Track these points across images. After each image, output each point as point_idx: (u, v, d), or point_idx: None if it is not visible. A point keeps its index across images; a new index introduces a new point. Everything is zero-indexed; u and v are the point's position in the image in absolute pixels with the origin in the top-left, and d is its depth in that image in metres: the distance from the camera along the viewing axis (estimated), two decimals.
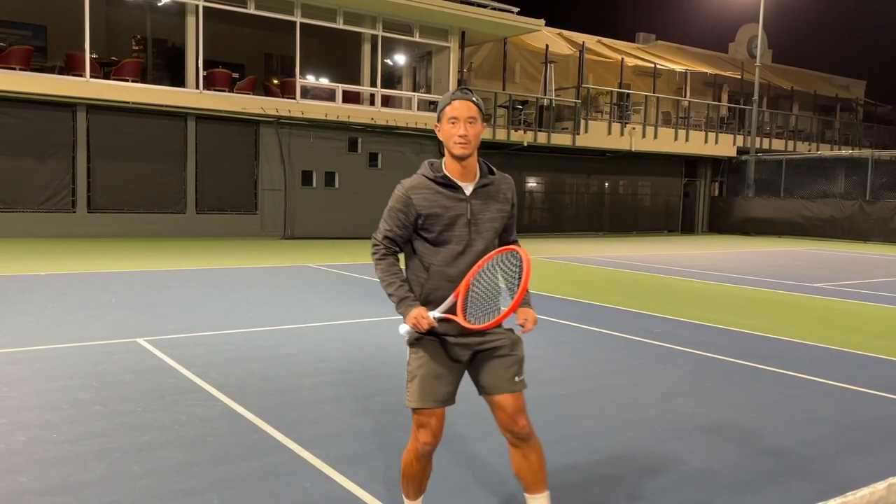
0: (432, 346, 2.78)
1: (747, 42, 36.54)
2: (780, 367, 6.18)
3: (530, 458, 2.82)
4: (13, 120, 15.92)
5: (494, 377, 2.79)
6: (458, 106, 2.71)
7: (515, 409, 2.78)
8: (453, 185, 2.76)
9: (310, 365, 5.80)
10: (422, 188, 2.75)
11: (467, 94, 2.74)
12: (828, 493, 3.58)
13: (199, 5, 17.38)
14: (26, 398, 4.68)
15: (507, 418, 2.78)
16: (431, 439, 2.78)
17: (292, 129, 18.99)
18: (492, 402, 2.82)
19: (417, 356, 2.79)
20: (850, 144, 33.20)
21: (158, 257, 13.28)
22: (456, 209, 2.75)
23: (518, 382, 2.81)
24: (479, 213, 2.78)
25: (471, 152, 2.73)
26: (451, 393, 2.80)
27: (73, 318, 7.35)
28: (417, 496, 2.96)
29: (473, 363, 2.84)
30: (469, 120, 2.70)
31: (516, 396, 2.80)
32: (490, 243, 2.82)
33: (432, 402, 2.75)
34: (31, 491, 3.34)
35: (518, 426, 2.78)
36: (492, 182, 2.83)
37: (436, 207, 2.73)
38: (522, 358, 2.87)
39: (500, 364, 2.80)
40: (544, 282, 11.64)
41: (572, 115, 23.80)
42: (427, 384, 2.75)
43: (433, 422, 2.77)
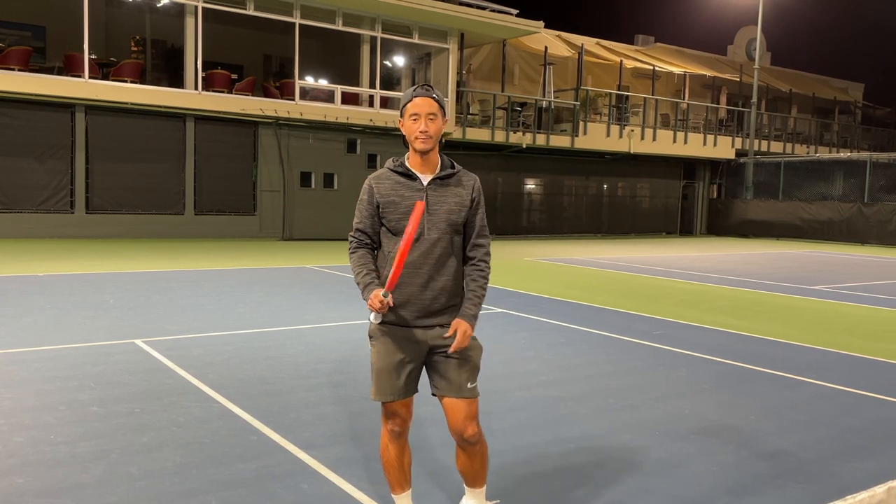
0: (385, 341, 2.85)
1: (746, 44, 36.59)
2: (778, 370, 6.18)
3: (475, 460, 2.93)
4: (12, 120, 15.91)
5: (448, 380, 2.85)
6: (420, 102, 2.82)
7: (467, 416, 2.84)
8: (412, 175, 2.88)
9: (308, 366, 5.80)
10: (384, 178, 2.90)
11: (428, 90, 2.84)
12: (826, 496, 3.59)
13: (198, 6, 17.38)
14: (24, 399, 4.68)
15: (457, 423, 2.86)
16: (399, 424, 2.89)
17: (291, 130, 18.99)
18: (443, 405, 2.89)
19: (374, 350, 2.89)
20: (848, 147, 33.26)
21: (157, 258, 13.27)
22: (413, 198, 2.84)
23: (470, 389, 2.86)
24: (434, 204, 2.86)
25: (432, 147, 2.85)
26: (406, 386, 2.85)
27: (71, 319, 7.34)
28: (401, 488, 2.99)
29: (430, 360, 2.89)
30: (430, 116, 2.81)
31: (469, 403, 2.85)
32: (446, 235, 2.86)
33: (389, 395, 2.84)
34: (29, 492, 3.34)
35: (468, 433, 2.86)
36: (451, 175, 2.92)
37: (393, 196, 2.85)
38: (477, 365, 2.91)
39: (454, 368, 2.84)
40: (543, 283, 11.64)
41: (571, 117, 23.82)
42: (382, 379, 2.84)
43: (396, 409, 2.86)
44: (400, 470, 2.96)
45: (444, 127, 2.88)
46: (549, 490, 3.57)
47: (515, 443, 4.17)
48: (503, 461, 3.89)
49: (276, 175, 18.97)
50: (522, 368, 5.99)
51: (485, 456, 2.97)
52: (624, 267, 14.75)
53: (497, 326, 7.79)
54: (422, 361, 2.90)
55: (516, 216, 25.09)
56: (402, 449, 2.95)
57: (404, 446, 2.95)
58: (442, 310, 2.86)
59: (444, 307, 2.86)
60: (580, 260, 16.11)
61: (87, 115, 16.62)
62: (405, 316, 2.82)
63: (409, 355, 2.85)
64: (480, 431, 2.91)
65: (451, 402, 2.85)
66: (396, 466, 2.95)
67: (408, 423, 2.92)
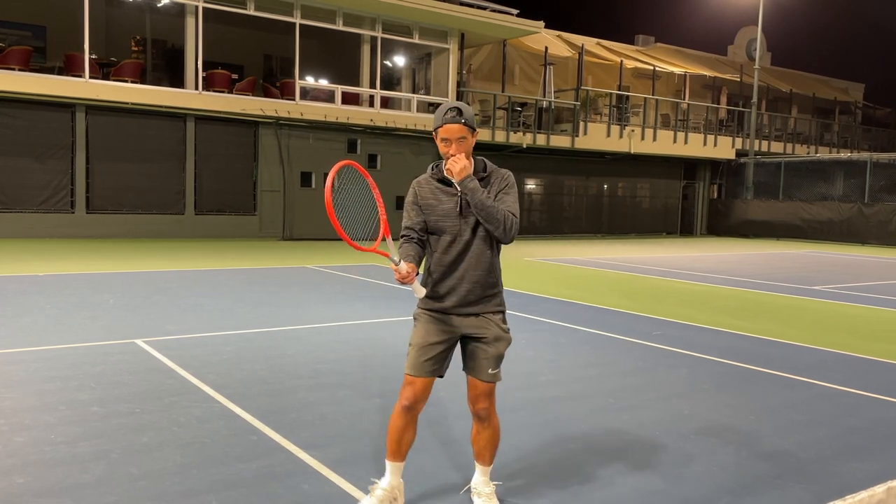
0: (424, 322, 3.25)
1: (746, 44, 36.60)
2: (779, 370, 6.18)
3: (483, 434, 3.32)
4: (12, 120, 15.91)
5: (475, 362, 3.24)
6: (450, 129, 3.11)
7: (482, 393, 3.25)
8: (448, 181, 3.20)
9: (308, 366, 5.80)
10: (424, 183, 3.28)
11: (457, 117, 3.11)
12: (826, 496, 3.59)
13: (198, 6, 17.38)
14: (24, 399, 4.68)
15: (473, 397, 3.27)
16: (411, 398, 3.18)
17: (291, 130, 18.99)
18: (468, 380, 3.30)
19: (414, 329, 3.28)
20: (848, 147, 33.26)
21: (157, 258, 13.27)
22: (449, 202, 3.20)
23: (492, 375, 3.24)
24: (468, 206, 3.16)
25: None
26: (434, 367, 3.20)
27: (72, 319, 7.34)
28: (395, 457, 3.26)
29: (464, 344, 3.28)
30: (459, 140, 3.12)
31: (488, 385, 3.25)
32: (478, 234, 3.20)
33: (416, 371, 3.19)
34: (29, 492, 3.34)
35: (478, 406, 3.27)
36: (482, 179, 3.21)
37: (431, 199, 3.23)
38: (502, 354, 3.25)
39: (482, 353, 3.23)
40: (543, 283, 11.65)
41: (571, 117, 23.82)
42: (415, 355, 3.20)
43: (416, 384, 3.18)
44: (398, 442, 3.23)
45: (474, 140, 3.18)
46: (549, 490, 3.57)
47: (515, 443, 4.17)
48: (503, 461, 3.88)
49: (276, 175, 18.97)
50: (523, 369, 5.99)
51: (494, 438, 3.33)
52: (624, 267, 14.75)
53: None
54: (453, 345, 3.26)
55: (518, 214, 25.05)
56: (407, 424, 3.22)
57: (410, 423, 3.22)
58: (477, 300, 3.22)
59: (478, 298, 3.22)
60: (580, 260, 16.11)
61: (88, 115, 16.63)
62: (445, 305, 3.23)
63: (443, 338, 3.21)
64: (493, 410, 3.29)
65: (473, 381, 3.26)
66: (396, 438, 3.23)
67: (420, 402, 3.20)
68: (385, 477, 3.27)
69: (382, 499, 3.22)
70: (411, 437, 3.25)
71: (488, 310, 3.22)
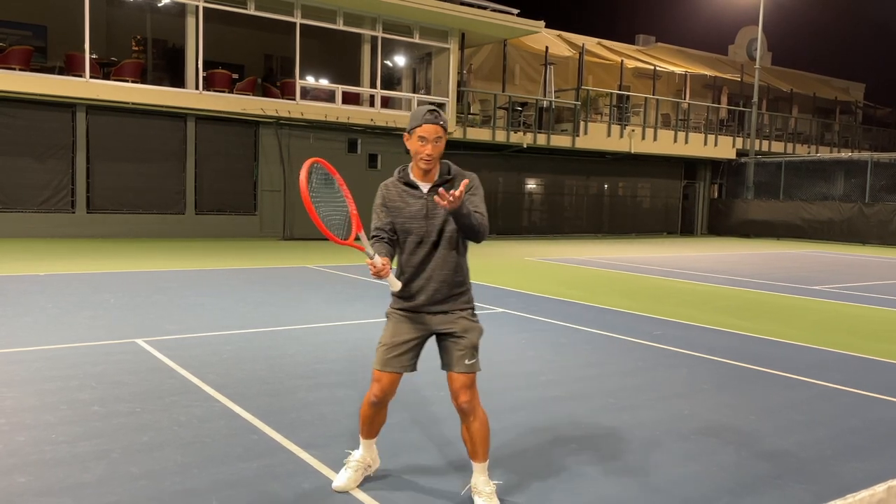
0: (395, 321, 3.37)
1: (747, 44, 36.58)
2: (779, 370, 6.18)
3: (471, 429, 3.34)
4: (13, 120, 15.92)
5: (450, 357, 3.32)
6: (428, 129, 3.21)
7: (462, 386, 3.29)
8: (414, 184, 3.33)
9: (308, 366, 5.80)
10: (392, 186, 3.38)
11: (437, 118, 3.22)
12: (826, 495, 3.59)
13: (199, 6, 17.38)
14: (25, 399, 4.68)
15: (454, 392, 3.32)
16: (379, 393, 3.35)
17: (292, 129, 18.99)
18: (448, 377, 3.35)
19: (385, 327, 3.41)
20: (849, 147, 33.24)
21: (157, 258, 13.27)
22: (415, 205, 3.31)
23: (469, 365, 3.31)
24: (434, 209, 3.28)
25: (434, 166, 3.29)
26: (401, 364, 3.33)
27: (72, 319, 7.34)
28: (367, 436, 3.52)
29: (438, 342, 3.37)
30: (435, 140, 3.22)
31: (465, 375, 3.30)
32: (444, 236, 3.30)
33: (382, 367, 3.33)
34: (30, 491, 3.34)
35: (461, 401, 3.30)
36: (447, 182, 3.32)
37: (399, 202, 3.33)
38: (475, 344, 3.34)
39: (454, 346, 3.31)
40: (544, 283, 11.65)
41: (572, 117, 23.81)
42: (383, 352, 3.34)
43: (383, 380, 3.33)
44: (370, 424, 3.49)
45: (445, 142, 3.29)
46: (549, 489, 3.57)
47: (515, 442, 4.17)
48: (503, 461, 3.89)
49: (276, 175, 18.97)
50: (523, 368, 5.99)
51: (483, 431, 3.35)
52: (625, 267, 14.75)
53: (498, 326, 7.79)
54: (422, 343, 3.38)
55: (517, 216, 25.09)
56: (377, 412, 3.44)
57: (378, 411, 3.44)
58: (444, 299, 3.33)
59: (446, 297, 3.34)
60: (581, 260, 16.11)
61: (88, 115, 16.63)
62: (415, 303, 3.34)
63: (412, 336, 3.34)
64: (476, 402, 3.33)
65: (451, 375, 3.32)
66: (367, 423, 3.48)
67: (388, 395, 3.36)
68: (358, 450, 3.55)
69: (356, 469, 3.50)
70: (382, 419, 3.51)
71: (456, 307, 3.35)
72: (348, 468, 3.49)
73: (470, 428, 3.33)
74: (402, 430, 4.31)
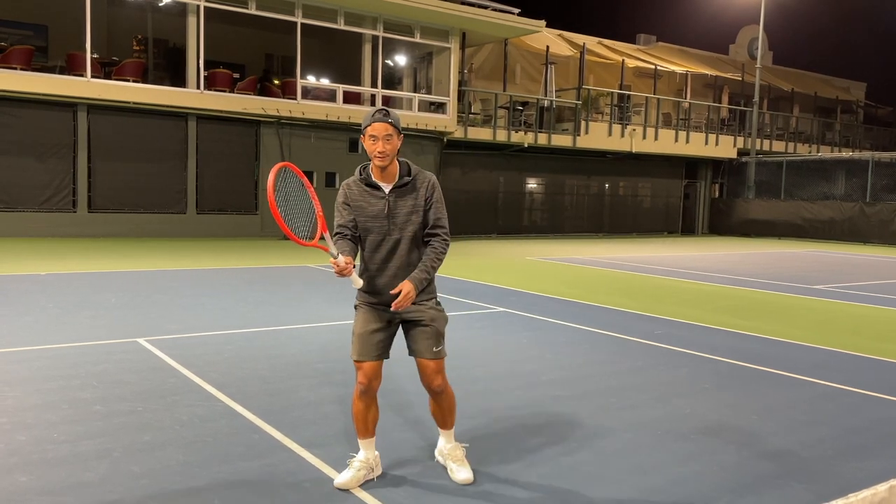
0: (364, 312, 3.54)
1: (748, 44, 36.55)
2: (780, 369, 6.18)
3: (441, 405, 3.63)
4: (14, 120, 15.92)
5: (417, 345, 3.51)
6: (377, 126, 3.36)
7: (433, 371, 3.52)
8: (375, 185, 3.48)
9: (310, 365, 5.81)
10: (353, 185, 3.53)
11: (385, 116, 3.36)
12: (828, 495, 3.59)
13: (200, 5, 17.38)
14: (26, 398, 4.69)
15: (427, 378, 3.54)
16: (364, 380, 3.48)
17: (293, 129, 18.99)
18: (417, 363, 3.56)
19: (356, 318, 3.57)
20: (850, 146, 33.21)
21: (159, 257, 13.28)
22: (377, 205, 3.47)
23: (436, 352, 3.51)
24: (395, 209, 3.46)
25: (389, 163, 3.41)
26: (378, 352, 3.49)
27: (74, 318, 7.35)
28: (363, 435, 3.58)
29: (405, 330, 3.55)
30: (386, 137, 3.36)
31: (435, 362, 3.52)
32: (406, 235, 3.46)
33: (361, 356, 3.48)
34: (31, 490, 3.35)
35: (434, 385, 3.54)
36: (407, 182, 3.48)
37: (361, 201, 3.49)
38: (440, 332, 3.53)
39: (422, 335, 3.50)
40: (545, 283, 11.64)
41: (573, 117, 23.81)
42: (359, 343, 3.49)
43: (365, 368, 3.48)
44: (364, 422, 3.56)
45: (399, 143, 3.43)
46: (550, 489, 3.57)
47: (517, 442, 4.17)
48: (504, 460, 3.89)
49: None
50: (524, 368, 5.99)
51: (451, 404, 3.65)
52: (626, 266, 14.75)
53: (499, 326, 7.80)
54: (393, 331, 3.55)
55: (518, 215, 25.08)
56: (367, 406, 3.53)
57: (370, 404, 3.54)
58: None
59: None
60: (582, 259, 16.11)
61: (90, 115, 16.64)
62: (381, 299, 3.49)
63: (382, 324, 3.50)
64: (445, 383, 3.58)
65: (421, 361, 3.52)
66: (361, 419, 3.55)
67: (374, 384, 3.50)
68: (360, 452, 3.59)
69: (359, 468, 3.53)
70: (375, 414, 3.59)
71: (422, 299, 3.50)
72: (351, 468, 3.54)
73: (441, 404, 3.62)
74: (400, 431, 4.31)
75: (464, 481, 3.56)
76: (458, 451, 3.68)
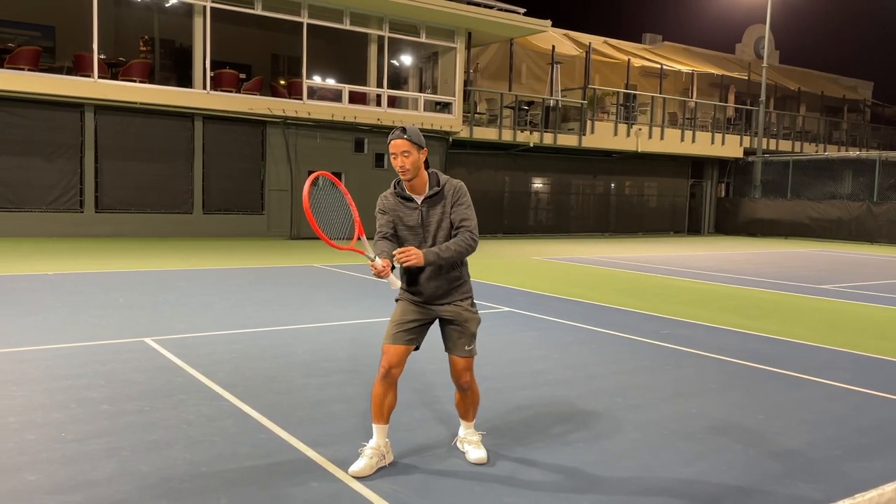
0: (402, 304, 3.79)
1: (754, 43, 36.43)
2: (787, 369, 6.16)
3: (465, 399, 3.88)
4: (21, 120, 16.00)
5: (451, 343, 3.78)
6: (396, 143, 3.59)
7: (463, 368, 3.77)
8: (408, 197, 3.72)
9: (316, 365, 5.82)
10: (390, 196, 3.78)
11: (402, 133, 3.58)
12: (835, 494, 3.58)
13: (206, 6, 17.43)
14: (35, 397, 4.71)
15: (456, 373, 3.79)
16: (387, 364, 3.65)
17: (299, 129, 19.03)
18: (449, 359, 3.81)
19: (395, 309, 3.81)
20: (857, 146, 33.07)
21: (165, 257, 13.32)
22: (412, 215, 3.72)
23: (468, 351, 3.77)
24: (427, 217, 3.71)
25: (412, 176, 3.63)
26: (408, 338, 3.69)
27: (81, 318, 7.38)
28: (378, 420, 3.71)
29: (441, 327, 3.80)
30: (404, 154, 3.58)
31: (465, 360, 3.77)
32: (438, 238, 3.69)
33: (390, 340, 3.69)
34: (40, 489, 3.37)
35: (462, 380, 3.80)
36: (437, 193, 3.71)
37: (397, 212, 3.74)
38: (473, 332, 3.77)
39: (456, 334, 3.76)
40: (550, 282, 11.64)
41: (578, 116, 23.79)
42: (391, 328, 3.72)
43: (390, 351, 3.66)
44: (380, 406, 3.69)
45: (422, 157, 3.63)
46: (557, 488, 3.58)
47: (523, 441, 4.17)
48: (510, 459, 3.90)
49: (283, 174, 19.01)
50: (530, 367, 5.99)
51: (475, 400, 3.91)
52: (631, 266, 14.73)
53: (505, 325, 7.80)
54: (427, 324, 3.77)
55: (523, 215, 25.06)
56: (386, 390, 3.67)
57: (388, 389, 3.68)
58: (445, 294, 3.75)
59: (446, 292, 3.75)
60: (588, 259, 16.09)
61: (97, 115, 16.71)
62: (421, 299, 3.77)
63: (419, 317, 3.74)
64: (473, 380, 3.83)
65: (452, 358, 3.78)
66: (378, 403, 3.69)
67: (395, 368, 3.65)
68: (372, 439, 3.72)
69: (371, 456, 3.67)
70: (392, 401, 3.71)
71: (456, 299, 3.75)
72: (364, 456, 3.67)
73: (465, 398, 3.87)
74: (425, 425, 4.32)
75: (477, 460, 3.81)
76: (474, 435, 3.94)
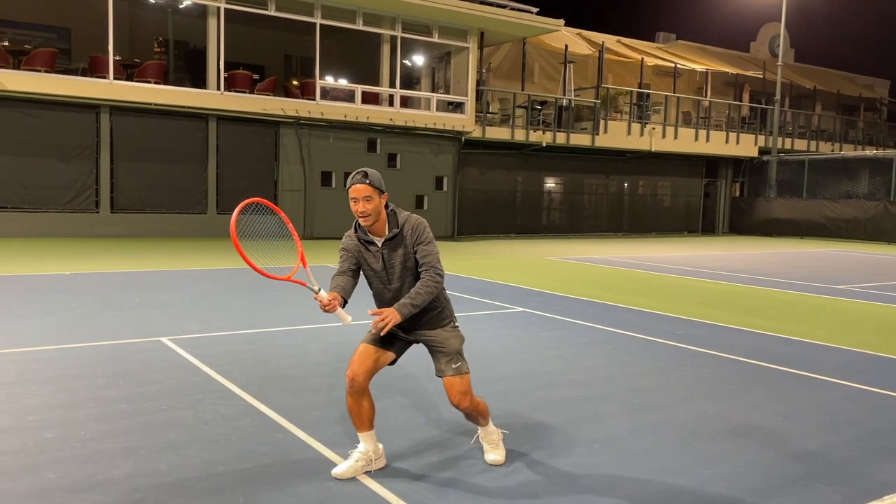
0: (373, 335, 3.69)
1: (769, 41, 36.17)
2: (805, 370, 6.11)
3: (476, 419, 3.79)
4: (38, 121, 16.13)
5: (439, 364, 3.67)
6: (357, 188, 3.48)
7: (459, 391, 3.60)
8: (369, 241, 3.62)
9: (330, 365, 5.83)
10: (352, 238, 3.68)
11: (363, 178, 3.48)
12: (855, 497, 3.55)
13: (220, 7, 17.51)
14: (53, 396, 4.75)
15: (452, 398, 3.63)
16: (351, 375, 3.59)
17: (312, 129, 19.08)
18: (444, 382, 3.66)
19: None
20: (874, 144, 32.76)
21: (180, 257, 13.40)
22: (374, 257, 3.63)
23: (457, 368, 3.62)
24: (389, 259, 3.61)
25: (373, 221, 3.53)
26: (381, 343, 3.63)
27: (98, 317, 7.43)
28: (360, 429, 3.67)
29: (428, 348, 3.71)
30: (365, 199, 3.48)
31: (458, 379, 3.61)
32: (406, 280, 3.62)
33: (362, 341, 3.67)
34: (59, 488, 3.39)
35: (462, 406, 3.64)
36: (396, 235, 3.59)
37: (359, 254, 3.66)
38: (457, 349, 3.66)
39: (440, 354, 3.66)
40: (564, 283, 11.61)
41: (591, 116, 23.71)
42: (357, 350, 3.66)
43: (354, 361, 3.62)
44: (357, 416, 3.65)
45: (383, 201, 3.53)
46: (573, 490, 3.56)
47: (538, 443, 4.16)
48: (526, 460, 3.88)
49: (297, 175, 19.07)
50: (545, 368, 5.98)
51: (481, 411, 3.76)
52: (646, 266, 14.66)
53: (519, 326, 7.78)
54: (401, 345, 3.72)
55: (536, 215, 25.02)
56: (358, 400, 3.62)
57: (360, 399, 3.62)
58: (422, 323, 3.66)
59: (423, 321, 3.65)
60: (601, 259, 16.03)
61: (112, 116, 16.82)
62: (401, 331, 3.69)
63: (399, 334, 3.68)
64: (473, 404, 3.67)
65: (445, 380, 3.64)
66: (354, 413, 3.66)
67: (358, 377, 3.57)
68: (360, 444, 3.68)
69: (358, 460, 3.64)
70: (368, 408, 3.65)
71: (436, 325, 3.67)
72: (349, 458, 3.66)
73: (471, 416, 3.76)
74: (409, 427, 4.31)
75: (493, 462, 3.79)
76: (493, 434, 3.86)
